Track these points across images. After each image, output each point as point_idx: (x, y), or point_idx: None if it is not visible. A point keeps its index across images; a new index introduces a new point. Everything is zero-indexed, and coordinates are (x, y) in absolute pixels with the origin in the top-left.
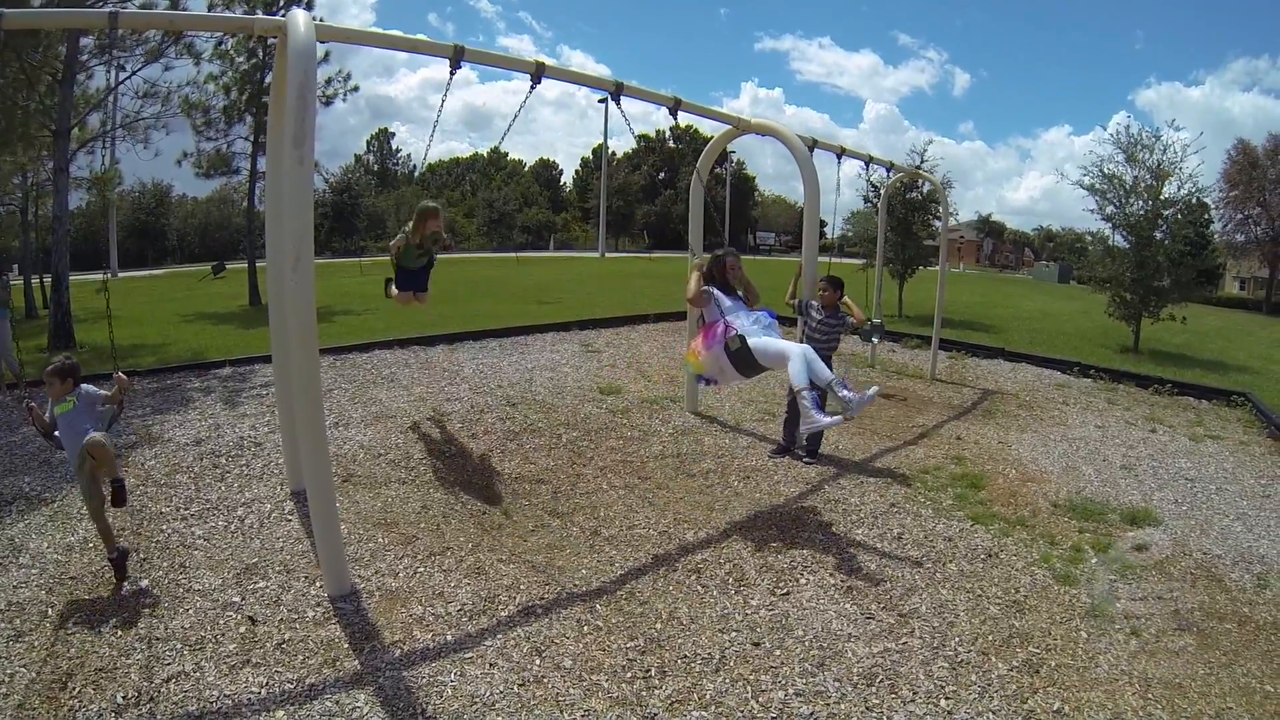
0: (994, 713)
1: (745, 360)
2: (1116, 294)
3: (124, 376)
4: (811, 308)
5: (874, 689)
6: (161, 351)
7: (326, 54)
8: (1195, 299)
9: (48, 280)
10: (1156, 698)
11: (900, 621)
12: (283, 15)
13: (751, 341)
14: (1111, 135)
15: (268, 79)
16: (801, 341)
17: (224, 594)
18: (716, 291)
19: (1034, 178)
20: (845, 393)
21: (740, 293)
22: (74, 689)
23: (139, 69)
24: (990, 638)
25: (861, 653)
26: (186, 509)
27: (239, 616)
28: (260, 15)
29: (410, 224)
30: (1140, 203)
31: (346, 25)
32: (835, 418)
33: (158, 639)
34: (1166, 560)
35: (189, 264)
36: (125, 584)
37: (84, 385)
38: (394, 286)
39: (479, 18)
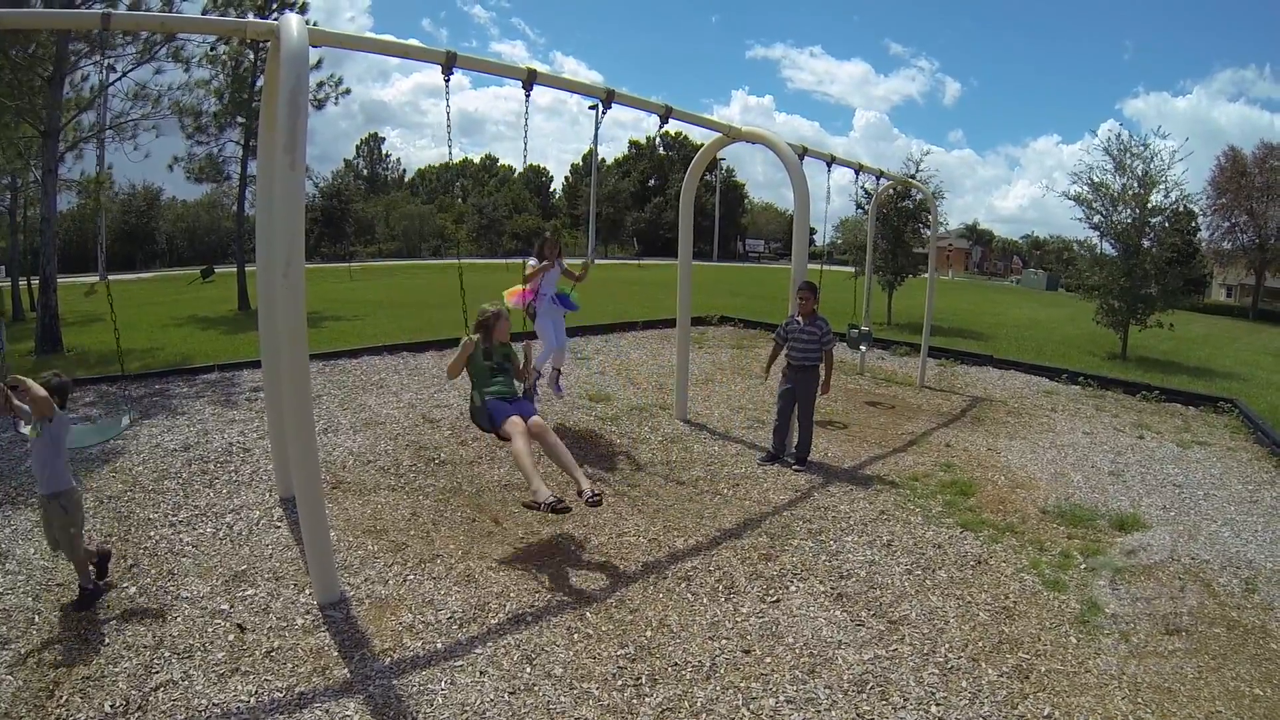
0: (984, 718)
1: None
2: (1105, 301)
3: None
4: (795, 321)
5: (865, 696)
6: (149, 356)
7: (319, 60)
8: (1182, 306)
9: (35, 282)
10: (1146, 701)
11: (890, 628)
12: (276, 19)
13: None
14: (1101, 142)
15: (259, 83)
16: (785, 360)
17: (213, 601)
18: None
19: (1023, 186)
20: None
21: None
22: (61, 697)
23: (129, 70)
24: (980, 644)
25: (852, 659)
26: (175, 515)
27: (228, 624)
28: (253, 19)
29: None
30: (1128, 211)
31: (340, 29)
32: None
33: (146, 647)
34: (1155, 565)
35: (178, 267)
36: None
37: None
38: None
39: (472, 23)
